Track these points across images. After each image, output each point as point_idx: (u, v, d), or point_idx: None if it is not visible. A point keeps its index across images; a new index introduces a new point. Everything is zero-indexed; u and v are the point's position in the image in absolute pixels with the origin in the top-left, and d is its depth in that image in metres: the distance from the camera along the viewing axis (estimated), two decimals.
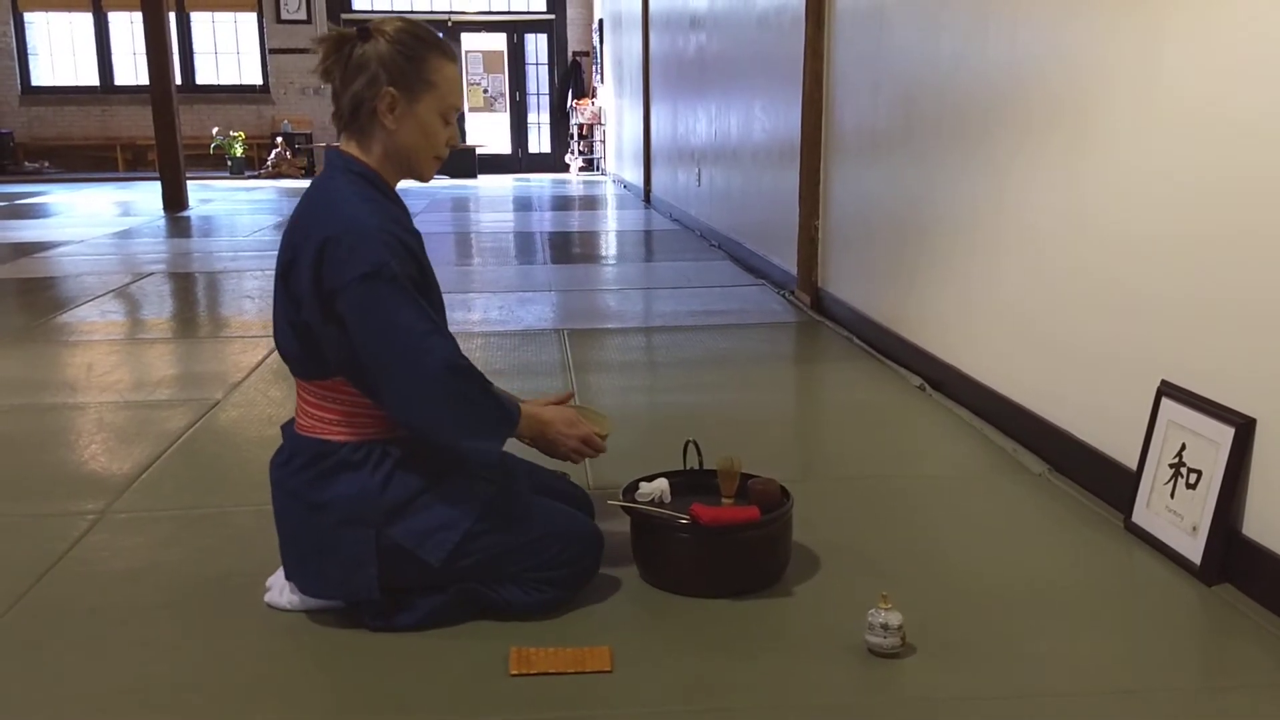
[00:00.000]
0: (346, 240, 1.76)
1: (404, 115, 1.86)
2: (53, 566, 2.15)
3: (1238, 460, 2.00)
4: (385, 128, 1.86)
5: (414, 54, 1.85)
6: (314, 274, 1.78)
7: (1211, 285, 2.09)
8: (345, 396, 1.87)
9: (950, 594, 2.01)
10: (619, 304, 5.18)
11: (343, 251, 1.76)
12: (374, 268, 1.75)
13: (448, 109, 1.90)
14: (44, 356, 4.09)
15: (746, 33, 6.07)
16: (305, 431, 1.91)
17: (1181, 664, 1.79)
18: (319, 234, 1.78)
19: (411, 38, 1.86)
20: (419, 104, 1.86)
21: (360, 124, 1.87)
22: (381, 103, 1.84)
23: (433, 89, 1.87)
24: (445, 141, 1.93)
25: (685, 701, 1.65)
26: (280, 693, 1.68)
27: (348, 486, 1.84)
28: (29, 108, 15.84)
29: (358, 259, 1.75)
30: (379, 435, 1.88)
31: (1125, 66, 2.35)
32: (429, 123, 1.88)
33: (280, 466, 1.95)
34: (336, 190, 1.84)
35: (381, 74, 1.83)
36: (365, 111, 1.85)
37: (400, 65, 1.84)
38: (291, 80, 16.23)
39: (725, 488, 2.08)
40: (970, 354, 3.20)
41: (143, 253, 7.14)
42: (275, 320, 1.91)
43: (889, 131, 3.85)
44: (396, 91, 1.84)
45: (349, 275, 1.75)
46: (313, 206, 1.86)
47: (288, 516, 1.92)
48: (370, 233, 1.78)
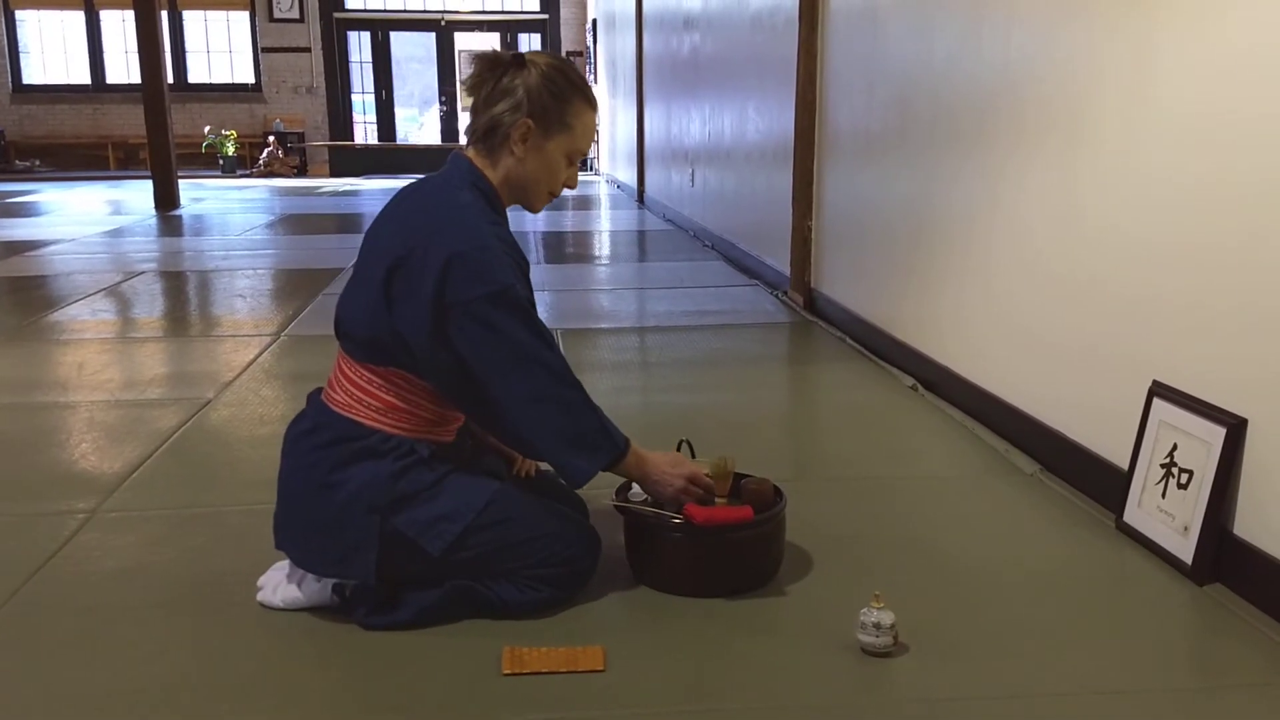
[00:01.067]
0: (475, 260, 1.81)
1: (534, 148, 1.92)
2: (43, 566, 2.15)
3: (1229, 460, 2.00)
4: (514, 155, 1.92)
5: (560, 94, 1.91)
6: (436, 288, 1.80)
7: (1203, 286, 2.09)
8: (395, 388, 1.89)
9: (943, 593, 2.01)
10: (612, 304, 5.18)
11: (471, 269, 1.81)
12: (501, 289, 1.81)
13: (575, 152, 1.97)
14: (35, 355, 4.08)
15: (740, 33, 6.07)
16: (339, 408, 1.91)
17: (1172, 663, 1.80)
18: (447, 247, 1.81)
19: (562, 77, 1.92)
20: (551, 141, 1.93)
21: (491, 145, 1.93)
22: (516, 131, 1.90)
23: (568, 131, 1.93)
24: (564, 181, 1.99)
25: (678, 701, 1.65)
26: (273, 692, 1.68)
27: (364, 472, 1.85)
28: (20, 106, 15.81)
29: (485, 279, 1.81)
30: (412, 432, 1.90)
31: (1119, 70, 2.36)
32: (555, 160, 1.95)
33: (301, 436, 1.95)
34: (465, 205, 1.89)
35: (525, 104, 1.89)
36: (499, 135, 1.91)
37: (544, 101, 1.89)
38: (284, 79, 16.21)
39: (719, 487, 2.08)
40: (963, 354, 3.21)
41: (134, 251, 7.12)
42: (350, 300, 1.93)
43: (883, 132, 3.86)
44: (534, 125, 1.89)
45: (474, 293, 1.80)
46: (438, 213, 1.89)
47: (295, 488, 1.92)
48: (498, 255, 1.84)
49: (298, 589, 1.92)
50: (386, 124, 16.91)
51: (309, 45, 16.13)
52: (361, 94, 16.83)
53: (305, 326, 4.59)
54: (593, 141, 2.02)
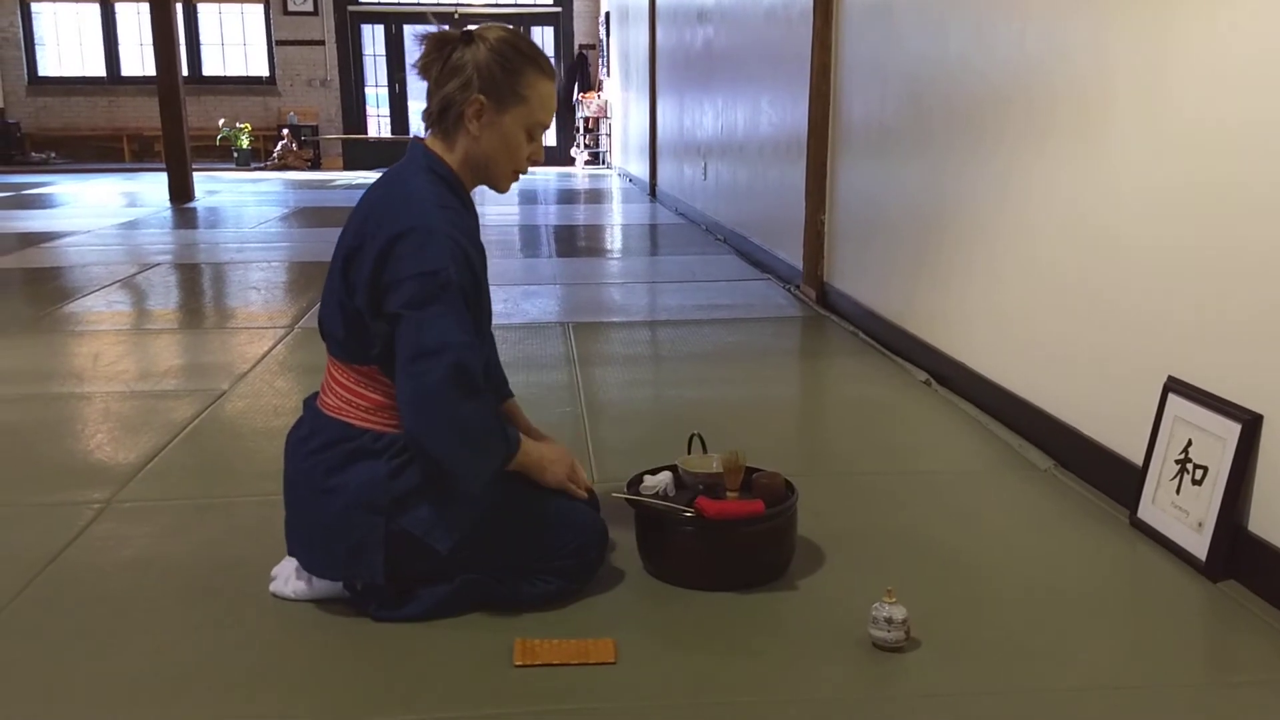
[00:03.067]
0: (414, 238, 1.78)
1: (490, 124, 1.88)
2: (58, 555, 2.16)
3: (1244, 456, 1.99)
4: (470, 133, 1.89)
5: (511, 65, 1.87)
6: (375, 266, 1.79)
7: (1219, 281, 2.08)
8: (379, 386, 1.88)
9: (955, 589, 2.01)
10: (624, 298, 5.18)
11: (409, 248, 1.78)
12: (432, 269, 1.77)
13: (534, 125, 1.92)
14: (50, 346, 4.10)
15: (754, 26, 6.05)
16: (331, 412, 1.91)
17: (1186, 660, 1.79)
18: (390, 229, 1.80)
19: (511, 49, 1.88)
20: (506, 115, 1.89)
21: (446, 125, 1.90)
22: (470, 108, 1.87)
23: (523, 103, 1.89)
24: (527, 156, 1.95)
25: (689, 694, 1.65)
26: (285, 682, 1.69)
27: (361, 473, 1.84)
28: (36, 98, 15.87)
29: (420, 258, 1.77)
30: (402, 429, 1.88)
31: (1133, 69, 2.35)
32: (513, 135, 1.91)
33: (299, 443, 1.95)
34: (416, 189, 1.86)
35: (475, 80, 1.86)
36: (453, 114, 1.88)
37: (495, 75, 1.86)
38: (298, 72, 16.23)
39: (730, 481, 2.08)
40: (976, 349, 3.20)
41: (149, 243, 7.15)
42: (325, 299, 1.93)
43: (896, 126, 3.85)
44: (486, 100, 1.86)
45: (407, 271, 1.77)
46: (388, 199, 1.87)
47: (298, 493, 1.92)
48: (439, 236, 1.80)
49: (308, 582, 1.93)
50: (400, 117, 16.92)
51: (323, 38, 16.15)
52: (375, 87, 16.83)
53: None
54: (553, 113, 1.96)
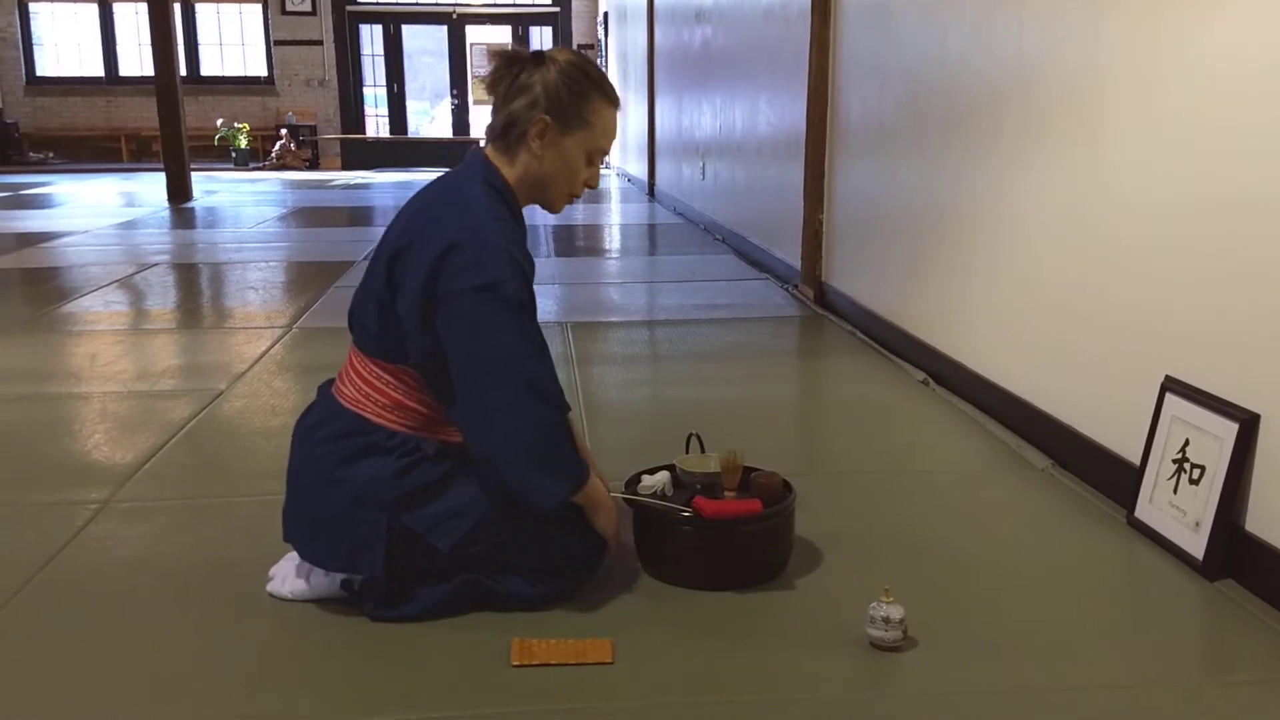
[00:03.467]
0: (471, 251, 1.78)
1: (551, 145, 1.90)
2: (56, 555, 2.16)
3: (1241, 456, 1.99)
4: (531, 151, 1.90)
5: (578, 89, 1.89)
6: (429, 275, 1.79)
7: (1217, 281, 2.08)
8: (403, 386, 1.89)
9: (952, 588, 2.01)
10: (622, 297, 5.18)
11: (465, 260, 1.78)
12: (491, 282, 1.77)
13: (595, 150, 1.94)
14: (48, 346, 4.10)
15: (752, 26, 6.05)
16: (348, 402, 1.91)
17: (1184, 659, 1.79)
18: (446, 237, 1.80)
19: (581, 73, 1.90)
20: (569, 137, 1.90)
21: (509, 142, 1.91)
22: (534, 127, 1.88)
23: (586, 127, 1.91)
24: (584, 180, 1.97)
25: (686, 694, 1.65)
26: (283, 682, 1.69)
27: (369, 468, 1.84)
28: (34, 98, 15.86)
29: (477, 271, 1.77)
30: (419, 430, 1.89)
31: (1130, 69, 2.35)
32: (573, 157, 1.92)
33: (309, 430, 1.95)
34: (473, 198, 1.87)
35: (542, 100, 1.86)
36: (516, 132, 1.89)
37: (562, 97, 1.87)
38: (296, 72, 16.24)
39: (728, 481, 2.08)
40: (974, 349, 3.20)
41: (147, 243, 7.15)
42: (362, 293, 1.93)
43: (895, 126, 3.85)
44: (551, 120, 1.87)
45: (464, 284, 1.77)
46: (444, 205, 1.88)
47: (303, 482, 1.92)
48: (495, 249, 1.80)
49: (306, 581, 1.93)
50: (398, 117, 16.93)
51: (321, 38, 16.15)
52: (373, 87, 16.84)
53: (317, 319, 4.60)
54: (614, 139, 1.98)
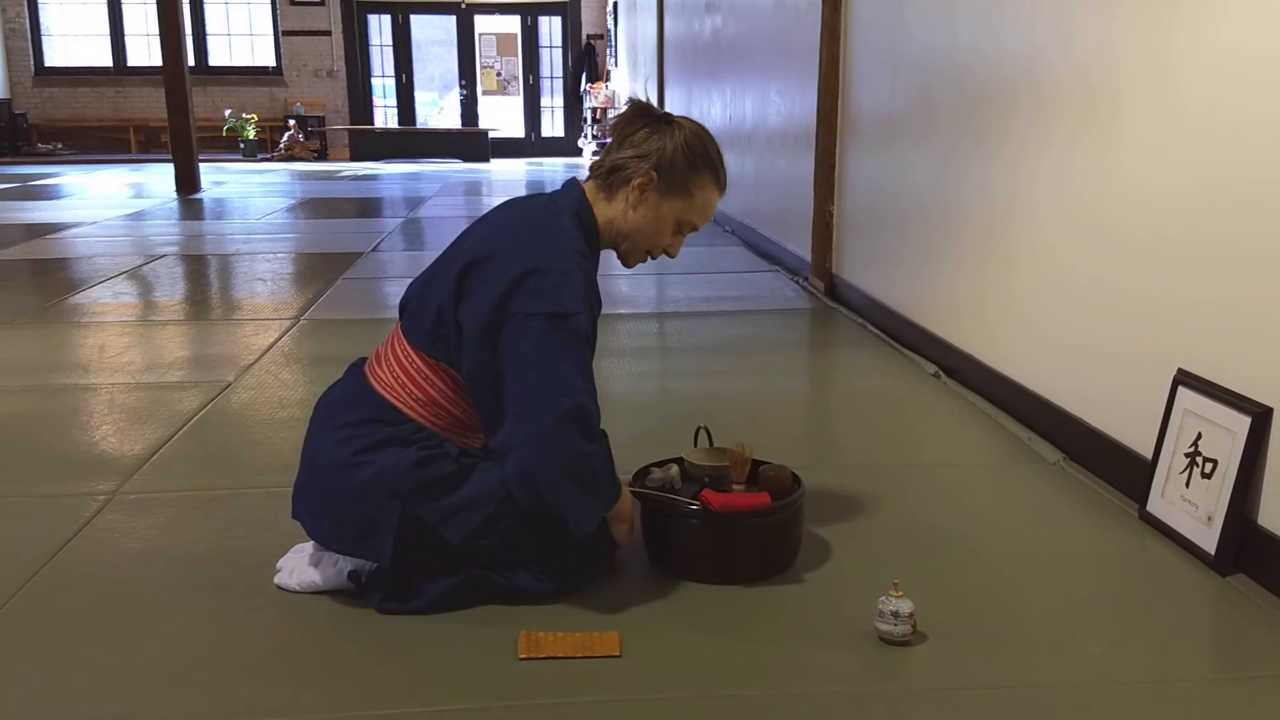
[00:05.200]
0: (551, 277, 1.81)
1: (649, 201, 1.93)
2: (64, 546, 2.16)
3: (1254, 450, 1.98)
4: (628, 201, 1.93)
5: (694, 161, 1.93)
6: (505, 292, 1.80)
7: (1229, 273, 2.07)
8: (441, 385, 1.89)
9: (962, 582, 2.00)
10: (631, 289, 5.17)
11: (545, 285, 1.80)
12: (565, 312, 1.79)
13: (685, 222, 1.98)
14: (56, 337, 4.10)
15: (763, 16, 6.03)
16: (381, 388, 1.91)
17: (1195, 654, 1.78)
18: (528, 261, 1.82)
19: (701, 147, 1.95)
20: (667, 202, 1.94)
21: (611, 183, 1.94)
22: (638, 178, 1.91)
23: (687, 198, 1.95)
24: (664, 246, 2.00)
25: (694, 687, 1.64)
26: (290, 674, 1.68)
27: (389, 456, 1.84)
28: (42, 89, 15.88)
29: (555, 298, 1.80)
30: (445, 430, 1.90)
31: (1142, 61, 2.33)
32: (665, 220, 1.96)
33: (333, 408, 1.96)
34: (559, 229, 1.89)
35: (655, 157, 1.90)
36: (622, 177, 1.92)
37: (676, 162, 1.91)
38: (305, 63, 16.22)
39: (736, 474, 2.07)
40: (985, 342, 3.19)
41: (155, 235, 7.15)
42: (423, 287, 1.94)
43: (906, 117, 3.83)
44: (657, 178, 1.91)
45: (539, 308, 1.79)
46: (530, 228, 1.90)
47: (319, 461, 1.92)
48: (574, 281, 1.83)
49: (315, 573, 1.93)
50: (406, 107, 16.91)
51: (329, 28, 16.13)
52: (382, 77, 16.82)
53: (325, 310, 4.60)
54: (707, 221, 2.02)
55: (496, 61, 17.01)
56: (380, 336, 2.12)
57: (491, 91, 17.05)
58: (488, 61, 16.94)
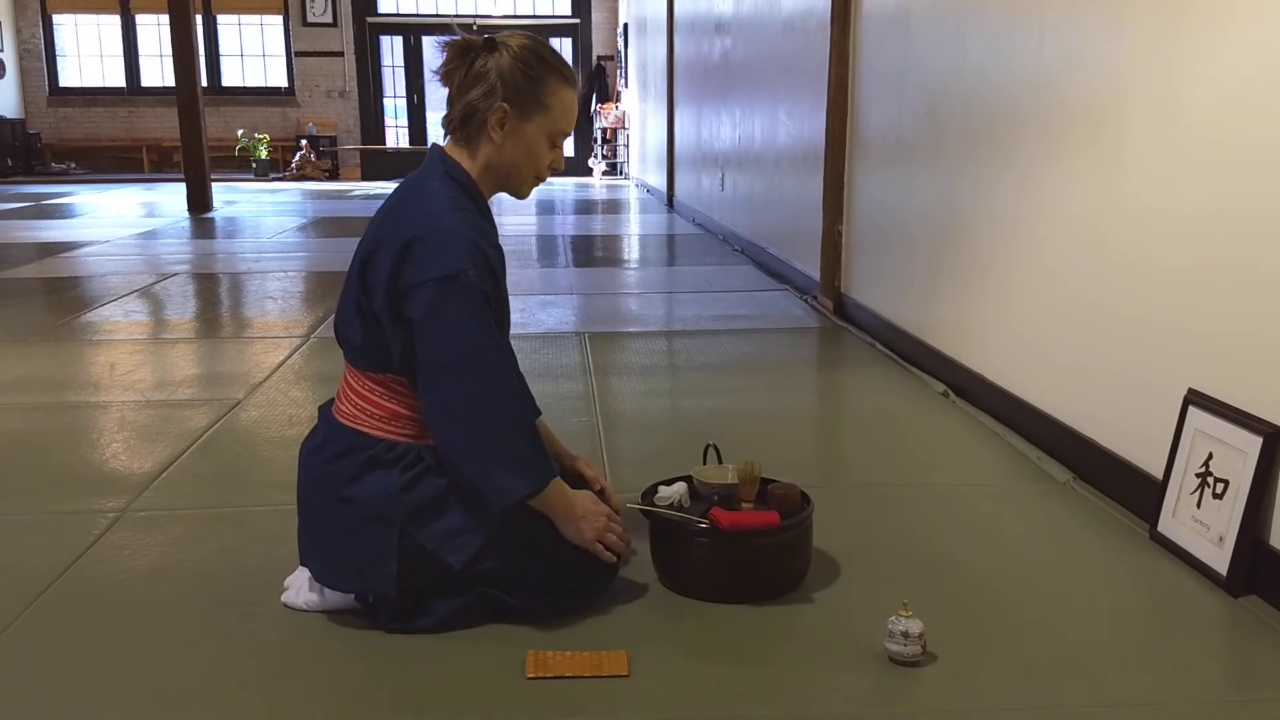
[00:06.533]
0: (431, 241, 1.78)
1: (512, 132, 1.88)
2: (73, 563, 2.16)
3: (1265, 470, 1.97)
4: (492, 140, 1.88)
5: (534, 73, 1.87)
6: (393, 270, 1.79)
7: (1240, 293, 2.06)
8: (395, 395, 1.88)
9: (972, 603, 1.99)
10: (641, 308, 5.18)
11: (425, 251, 1.77)
12: (452, 271, 1.76)
13: (556, 133, 1.92)
14: (68, 355, 4.12)
15: (772, 37, 6.05)
16: (345, 419, 1.91)
17: (1207, 676, 1.77)
18: (406, 232, 1.80)
19: (535, 56, 1.88)
20: (529, 123, 1.88)
21: (468, 133, 1.89)
22: (493, 116, 1.86)
23: (545, 111, 1.89)
24: (548, 164, 1.95)
25: (703, 707, 1.64)
26: (297, 693, 1.68)
27: (375, 484, 1.84)
28: (56, 109, 16.00)
29: (438, 261, 1.77)
30: (417, 439, 1.88)
31: (1150, 83, 2.33)
32: (535, 143, 1.90)
33: (311, 452, 1.95)
34: (432, 193, 1.86)
35: (499, 88, 1.85)
36: (475, 122, 1.88)
37: (518, 82, 1.86)
38: (317, 83, 16.33)
39: (745, 493, 2.06)
40: (994, 361, 3.18)
41: (167, 253, 7.19)
42: (342, 306, 1.93)
43: (914, 138, 3.83)
44: (510, 108, 1.86)
45: (425, 275, 1.76)
46: (404, 204, 1.88)
47: (311, 504, 1.92)
48: (455, 238, 1.79)
49: (320, 592, 1.93)
50: (418, 128, 16.99)
51: (342, 49, 16.24)
52: (393, 98, 16.91)
53: None
54: (574, 121, 1.95)
55: None
56: None
57: None
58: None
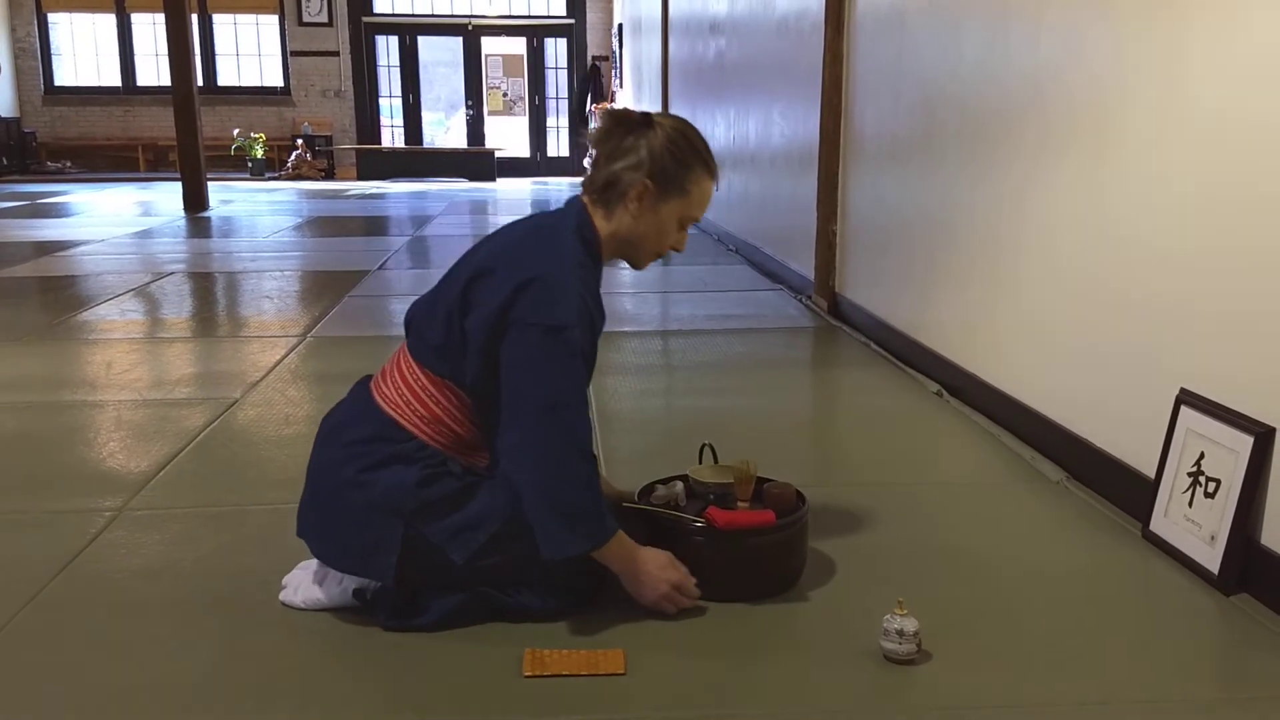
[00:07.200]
0: (550, 289, 1.83)
1: (649, 208, 1.94)
2: (70, 563, 2.17)
3: (1257, 469, 1.98)
4: (628, 212, 1.95)
5: (682, 159, 1.93)
6: (505, 302, 1.82)
7: (1232, 294, 2.07)
8: (446, 401, 1.90)
9: (966, 601, 2.00)
10: (636, 307, 5.18)
11: (542, 297, 1.82)
12: (560, 325, 1.81)
13: (688, 218, 1.99)
14: (64, 354, 4.12)
15: (766, 38, 6.06)
16: (386, 404, 1.92)
17: (1199, 674, 1.78)
18: (528, 271, 1.84)
19: (687, 143, 1.94)
20: (666, 204, 1.95)
21: (607, 199, 1.96)
22: (634, 190, 1.92)
23: (684, 195, 1.95)
24: (671, 244, 2.02)
25: (699, 705, 1.65)
26: (294, 691, 1.69)
27: (392, 475, 1.85)
28: (52, 108, 15.97)
29: (550, 310, 1.81)
30: (448, 448, 1.90)
31: (1147, 76, 2.34)
32: (667, 222, 1.97)
33: (337, 428, 1.96)
34: (563, 242, 1.91)
35: (646, 164, 1.91)
36: (617, 191, 1.94)
37: (666, 164, 1.92)
38: (312, 82, 16.31)
39: (741, 492, 2.07)
40: (988, 360, 3.19)
41: (163, 252, 7.18)
42: (429, 303, 1.95)
43: (909, 137, 3.84)
44: (652, 185, 1.92)
45: (535, 319, 1.81)
46: (534, 241, 1.93)
47: (324, 480, 1.92)
48: (572, 294, 1.85)
49: (320, 590, 1.93)
50: (413, 127, 16.98)
51: (337, 49, 16.22)
52: (389, 98, 16.89)
53: (332, 328, 4.61)
54: (706, 209, 2.03)
55: (502, 82, 17.09)
56: (386, 353, 2.13)
57: (497, 112, 17.11)
58: (494, 82, 17.01)
